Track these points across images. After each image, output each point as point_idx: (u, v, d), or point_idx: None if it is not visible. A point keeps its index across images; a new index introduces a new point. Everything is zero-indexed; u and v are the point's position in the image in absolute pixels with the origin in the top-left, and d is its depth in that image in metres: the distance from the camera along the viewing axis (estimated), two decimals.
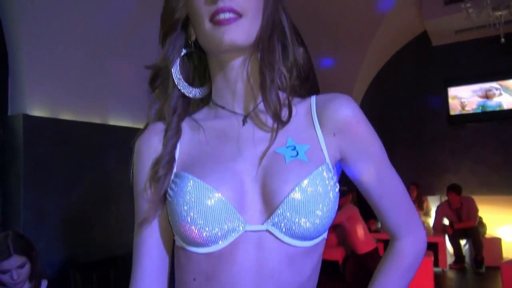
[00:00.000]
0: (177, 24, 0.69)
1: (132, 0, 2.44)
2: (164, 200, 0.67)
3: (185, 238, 0.63)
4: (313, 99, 0.72)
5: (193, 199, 0.61)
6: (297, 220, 0.61)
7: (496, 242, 5.06)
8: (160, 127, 0.72)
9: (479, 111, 6.48)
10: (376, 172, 0.70)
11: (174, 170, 0.68)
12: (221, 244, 0.62)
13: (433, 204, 5.98)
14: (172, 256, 0.71)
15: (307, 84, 0.74)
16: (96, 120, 2.32)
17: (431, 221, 5.61)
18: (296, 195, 0.61)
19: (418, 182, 5.95)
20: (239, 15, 0.64)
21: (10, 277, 1.61)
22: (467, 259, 5.17)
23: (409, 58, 7.02)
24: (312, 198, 0.61)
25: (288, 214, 0.60)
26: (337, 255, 5.05)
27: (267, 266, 0.62)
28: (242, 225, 0.62)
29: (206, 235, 0.61)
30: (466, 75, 6.59)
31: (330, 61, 6.68)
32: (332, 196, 0.63)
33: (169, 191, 0.66)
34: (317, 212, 0.61)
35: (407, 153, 6.92)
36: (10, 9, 1.99)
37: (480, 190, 6.20)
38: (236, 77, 0.70)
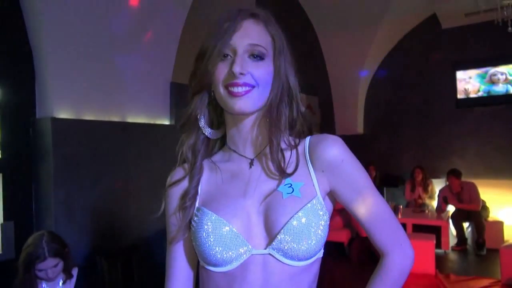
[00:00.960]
0: (205, 88, 0.83)
1: (145, 9, 2.54)
2: (189, 226, 0.83)
3: (205, 259, 0.80)
4: (307, 140, 0.87)
5: (210, 229, 0.78)
6: (294, 245, 0.76)
7: (499, 225, 5.20)
8: (185, 167, 0.88)
9: (485, 95, 6.51)
10: (363, 201, 0.84)
11: (197, 204, 0.84)
12: (234, 265, 0.78)
13: (438, 187, 6.10)
14: (197, 272, 0.88)
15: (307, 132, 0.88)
16: (115, 118, 2.47)
17: (435, 203, 5.74)
18: (292, 224, 0.76)
19: (424, 165, 6.05)
20: (252, 87, 0.78)
21: (46, 274, 1.81)
22: (469, 241, 5.34)
23: (418, 40, 7.00)
24: (305, 226, 0.76)
25: (285, 240, 0.76)
26: (343, 237, 5.23)
27: (271, 283, 0.78)
28: (249, 250, 0.78)
29: (221, 257, 0.77)
30: (475, 59, 6.59)
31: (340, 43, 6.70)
32: (322, 223, 0.79)
33: (192, 222, 0.82)
34: (310, 237, 0.77)
35: (414, 135, 7.02)
36: (35, 20, 2.11)
37: (485, 173, 6.31)
38: (247, 131, 0.85)
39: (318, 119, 6.69)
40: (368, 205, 0.85)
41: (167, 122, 2.86)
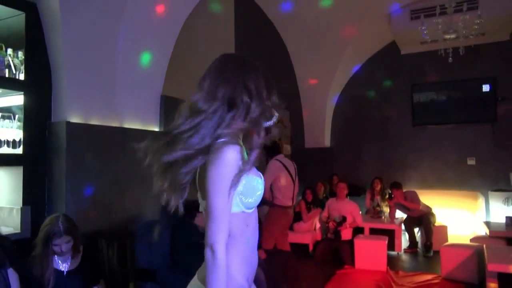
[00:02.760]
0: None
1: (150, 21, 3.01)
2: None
3: (250, 205, 1.29)
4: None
5: (260, 187, 1.31)
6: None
7: (444, 229, 5.87)
8: (240, 143, 1.28)
9: (439, 114, 7.29)
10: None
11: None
12: (254, 209, 1.31)
13: None
14: None
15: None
16: (115, 124, 2.91)
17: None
18: None
19: (383, 176, 6.70)
20: None
21: (60, 249, 2.22)
22: (419, 244, 5.99)
23: (380, 63, 7.75)
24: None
25: None
26: (308, 239, 5.76)
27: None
28: None
29: (255, 203, 1.30)
30: (430, 82, 7.37)
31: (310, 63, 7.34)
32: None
33: (247, 181, 1.26)
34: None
35: (375, 150, 7.71)
36: (54, 39, 2.56)
37: (436, 184, 7.05)
38: None
39: (289, 132, 7.26)
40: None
41: (156, 129, 3.33)
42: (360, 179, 7.44)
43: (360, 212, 5.98)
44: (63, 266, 2.26)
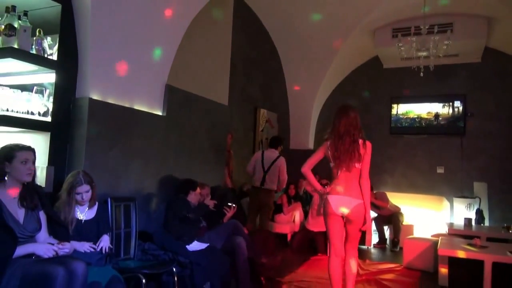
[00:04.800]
0: None
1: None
2: None
3: None
4: None
5: None
6: None
7: (410, 228, 6.45)
8: None
9: (414, 126, 7.93)
10: None
11: None
12: None
13: None
14: None
15: None
16: (127, 104, 3.39)
17: None
18: None
19: None
20: None
21: (81, 197, 2.68)
22: (388, 241, 6.55)
23: (363, 76, 8.38)
24: None
25: None
26: (287, 230, 6.27)
27: None
28: None
29: None
30: (408, 96, 8.01)
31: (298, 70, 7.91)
32: None
33: None
34: None
35: None
36: (83, 24, 3.03)
37: (408, 189, 7.66)
38: None
39: (276, 132, 7.80)
40: None
41: (159, 113, 3.82)
42: None
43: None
44: (81, 216, 2.71)
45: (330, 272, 3.23)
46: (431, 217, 6.96)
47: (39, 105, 2.88)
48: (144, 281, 2.78)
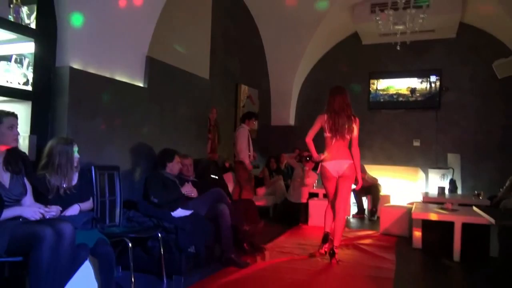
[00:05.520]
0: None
1: None
2: None
3: None
4: None
5: None
6: None
7: (387, 198, 6.70)
8: None
9: (392, 101, 8.13)
10: None
11: None
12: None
13: None
14: None
15: None
16: (107, 74, 3.41)
17: None
18: None
19: None
20: None
21: (75, 160, 2.70)
22: (366, 211, 6.80)
23: (343, 52, 8.49)
24: None
25: None
26: (269, 202, 6.43)
27: None
28: None
29: None
30: (386, 71, 8.17)
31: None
32: None
33: None
34: None
35: None
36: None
37: (385, 161, 7.91)
38: None
39: (257, 109, 7.88)
40: None
41: (141, 85, 3.84)
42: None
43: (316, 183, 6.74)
44: (65, 182, 2.74)
45: (325, 217, 4.14)
46: (407, 187, 7.23)
47: (18, 75, 2.88)
48: (130, 245, 2.85)
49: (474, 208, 2.89)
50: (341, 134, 3.88)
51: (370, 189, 6.63)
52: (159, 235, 3.15)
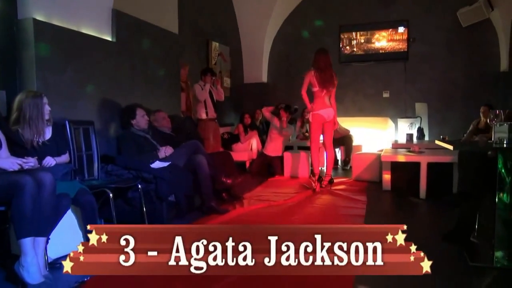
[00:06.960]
0: None
1: None
2: None
3: None
4: None
5: None
6: None
7: (359, 148, 6.95)
8: None
9: (361, 53, 8.23)
10: None
11: None
12: None
13: None
14: None
15: None
16: (74, 28, 3.30)
17: None
18: None
19: None
20: None
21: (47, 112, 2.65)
22: (339, 161, 7.04)
23: (313, 6, 8.43)
24: None
25: None
26: (245, 157, 6.55)
27: None
28: None
29: None
30: (355, 24, 8.21)
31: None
32: None
33: None
34: None
35: None
36: None
37: (357, 113, 8.11)
38: None
39: (229, 66, 7.83)
40: None
41: (109, 39, 3.76)
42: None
43: (291, 138, 6.89)
44: (36, 135, 2.70)
45: (312, 158, 5.12)
46: (378, 137, 7.49)
47: None
48: (111, 195, 2.90)
49: (436, 141, 3.07)
50: (327, 88, 4.71)
51: (342, 140, 6.84)
52: (139, 185, 3.21)
